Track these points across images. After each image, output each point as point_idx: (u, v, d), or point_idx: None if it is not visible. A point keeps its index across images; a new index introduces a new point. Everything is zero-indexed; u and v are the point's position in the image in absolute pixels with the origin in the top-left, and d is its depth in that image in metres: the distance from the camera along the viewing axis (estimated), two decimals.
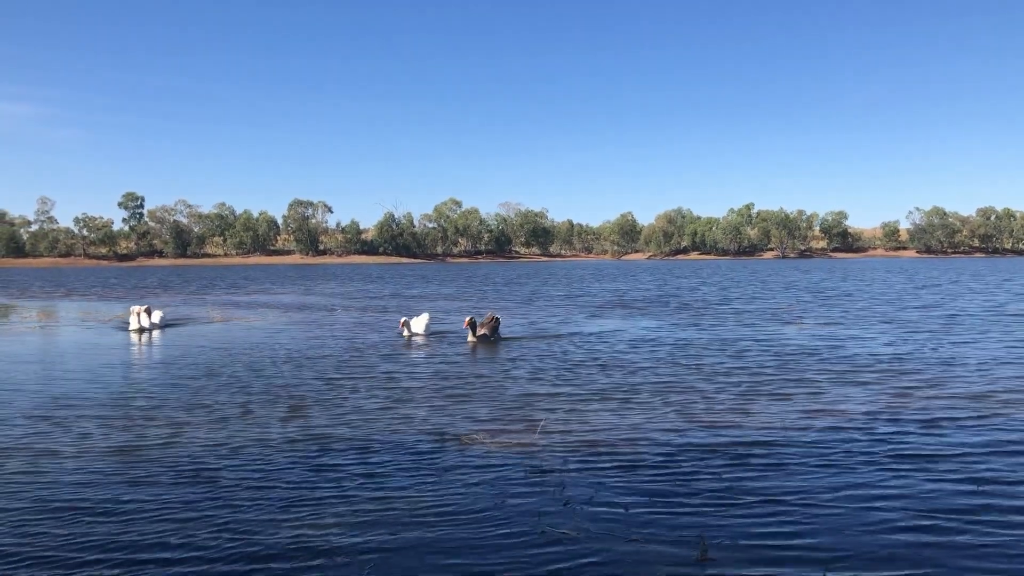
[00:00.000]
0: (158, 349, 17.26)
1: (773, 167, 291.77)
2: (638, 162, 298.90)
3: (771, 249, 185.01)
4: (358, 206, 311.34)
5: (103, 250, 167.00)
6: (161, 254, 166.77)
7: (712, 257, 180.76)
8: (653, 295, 35.69)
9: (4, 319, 26.86)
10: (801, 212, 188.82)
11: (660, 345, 16.70)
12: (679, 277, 60.26)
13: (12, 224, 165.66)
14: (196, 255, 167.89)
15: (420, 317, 18.86)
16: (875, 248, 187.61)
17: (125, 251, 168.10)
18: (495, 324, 17.70)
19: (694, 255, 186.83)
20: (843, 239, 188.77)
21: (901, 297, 32.15)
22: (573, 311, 26.67)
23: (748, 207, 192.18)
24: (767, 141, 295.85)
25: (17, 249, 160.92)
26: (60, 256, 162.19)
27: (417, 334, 18.44)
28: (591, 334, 19.10)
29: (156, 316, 21.82)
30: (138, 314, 20.91)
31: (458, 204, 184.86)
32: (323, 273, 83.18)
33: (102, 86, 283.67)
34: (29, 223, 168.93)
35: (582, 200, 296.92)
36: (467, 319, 17.68)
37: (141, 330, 20.53)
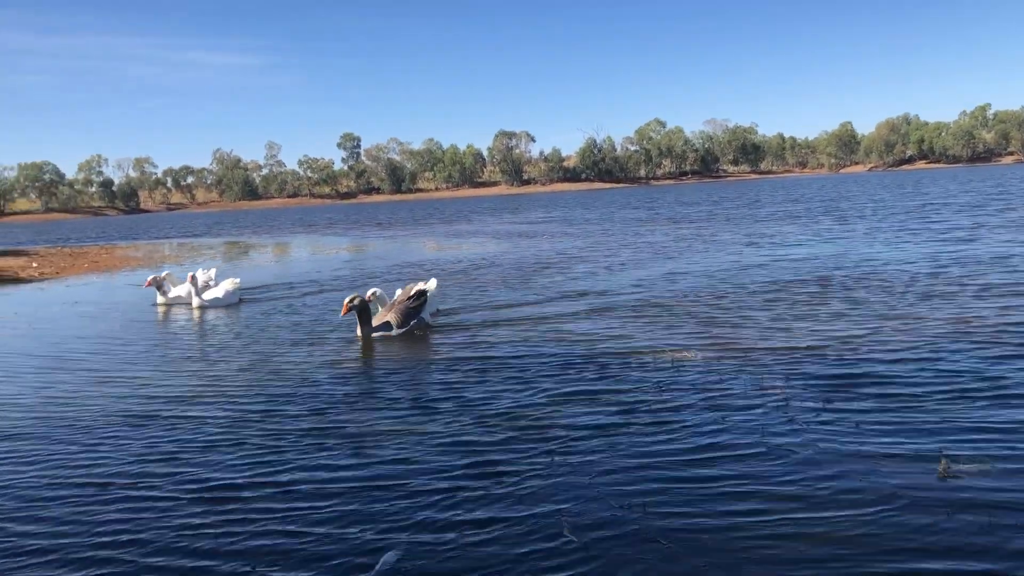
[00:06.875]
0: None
1: (1012, 62, 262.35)
2: (855, 67, 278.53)
3: (1011, 153, 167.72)
4: (560, 133, 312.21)
5: (326, 189, 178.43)
6: (378, 191, 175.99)
7: (941, 165, 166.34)
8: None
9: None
10: None
11: (913, 261, 15.68)
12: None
13: (246, 169, 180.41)
14: (410, 190, 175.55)
15: (374, 297, 11.36)
16: None
17: (346, 190, 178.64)
18: (415, 306, 10.80)
19: (920, 164, 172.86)
20: None
21: None
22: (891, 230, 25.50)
23: (983, 108, 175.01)
24: (1001, 31, 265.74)
25: (252, 192, 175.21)
26: (289, 197, 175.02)
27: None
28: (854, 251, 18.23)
29: (206, 284, 15.18)
30: (162, 282, 14.91)
31: (662, 125, 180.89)
32: (529, 202, 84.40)
33: (318, 31, 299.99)
34: (260, 167, 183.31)
35: (793, 112, 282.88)
36: (347, 300, 10.32)
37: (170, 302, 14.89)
